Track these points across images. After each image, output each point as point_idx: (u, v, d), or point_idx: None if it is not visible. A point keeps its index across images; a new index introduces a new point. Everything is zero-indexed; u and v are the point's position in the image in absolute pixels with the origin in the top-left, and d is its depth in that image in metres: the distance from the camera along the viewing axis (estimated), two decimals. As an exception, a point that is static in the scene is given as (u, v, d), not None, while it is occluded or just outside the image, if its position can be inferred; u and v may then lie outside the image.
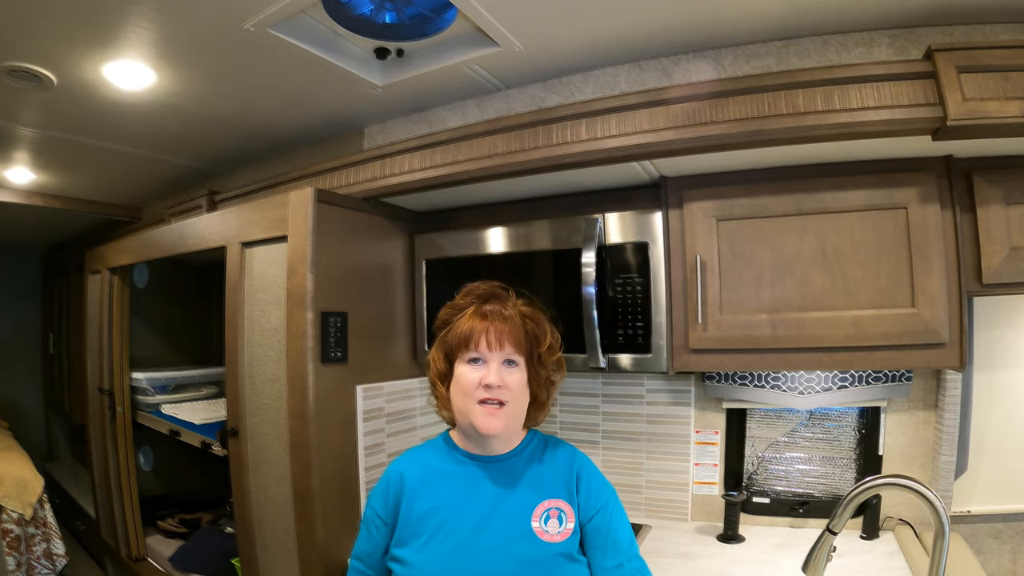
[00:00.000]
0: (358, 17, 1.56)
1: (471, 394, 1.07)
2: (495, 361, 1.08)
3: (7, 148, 2.35)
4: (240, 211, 1.90)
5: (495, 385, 1.06)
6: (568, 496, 1.11)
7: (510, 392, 1.08)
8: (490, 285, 1.17)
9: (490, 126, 1.63)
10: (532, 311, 1.15)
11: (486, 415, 1.07)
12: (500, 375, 1.07)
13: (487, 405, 1.07)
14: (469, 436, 1.14)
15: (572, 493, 1.11)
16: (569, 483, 1.12)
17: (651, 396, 1.98)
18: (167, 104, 1.96)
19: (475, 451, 1.14)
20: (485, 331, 1.08)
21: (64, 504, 3.63)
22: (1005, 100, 1.20)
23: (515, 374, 1.09)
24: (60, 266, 4.30)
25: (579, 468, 1.14)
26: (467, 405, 1.08)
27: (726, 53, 1.58)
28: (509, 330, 1.09)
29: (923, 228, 1.41)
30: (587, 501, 1.12)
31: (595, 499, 1.12)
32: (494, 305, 1.12)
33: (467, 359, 1.09)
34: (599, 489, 1.14)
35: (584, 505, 1.11)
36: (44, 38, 1.53)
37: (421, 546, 1.06)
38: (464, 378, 1.08)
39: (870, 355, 1.45)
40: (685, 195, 1.60)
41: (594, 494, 1.13)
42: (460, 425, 1.14)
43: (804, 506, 1.80)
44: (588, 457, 1.20)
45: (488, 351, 1.08)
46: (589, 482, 1.13)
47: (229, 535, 2.39)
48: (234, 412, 1.88)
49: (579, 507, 1.11)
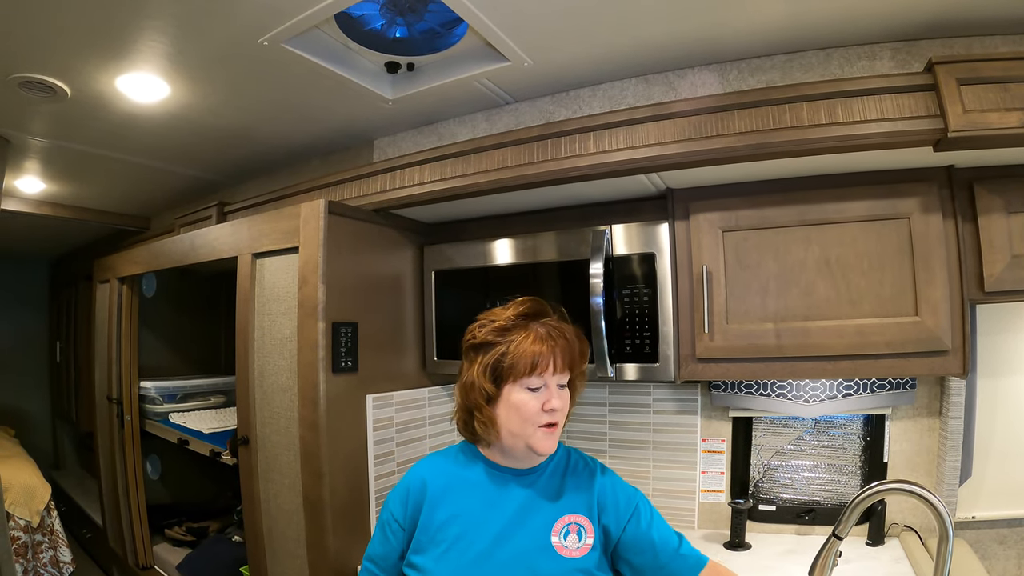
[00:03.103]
0: (370, 32, 1.59)
1: (532, 419, 1.06)
2: (554, 384, 1.08)
3: (18, 158, 2.37)
4: (251, 222, 1.92)
5: (559, 408, 1.06)
6: (588, 512, 1.10)
7: (563, 413, 1.09)
8: (535, 301, 1.14)
9: (499, 139, 1.65)
10: (576, 329, 1.14)
11: (547, 438, 1.06)
12: (560, 398, 1.07)
13: (546, 428, 1.06)
14: (511, 453, 1.12)
15: (593, 510, 1.11)
16: (590, 501, 1.12)
17: (658, 405, 1.99)
18: (179, 116, 1.99)
19: (502, 463, 1.14)
20: (551, 354, 1.06)
21: (71, 512, 3.64)
22: (1005, 111, 1.22)
23: (566, 394, 1.10)
24: (68, 275, 4.32)
25: (600, 488, 1.14)
26: (527, 429, 1.06)
27: (731, 67, 1.61)
28: (569, 353, 1.08)
29: (925, 237, 1.43)
30: (616, 514, 1.11)
31: (624, 509, 1.12)
32: (548, 325, 1.10)
33: (527, 383, 1.07)
34: (626, 499, 1.14)
35: (615, 520, 1.11)
36: (60, 50, 1.56)
37: (440, 555, 1.06)
38: (526, 405, 1.06)
39: (874, 363, 1.46)
40: (691, 207, 1.62)
41: (622, 505, 1.12)
42: (508, 447, 1.11)
43: (810, 513, 1.81)
44: (609, 468, 1.20)
45: (552, 374, 1.07)
46: (615, 496, 1.13)
47: (237, 543, 2.40)
48: (245, 421, 1.89)
49: (610, 525, 1.11)
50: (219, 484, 3.11)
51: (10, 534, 2.70)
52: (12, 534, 2.73)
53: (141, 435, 2.63)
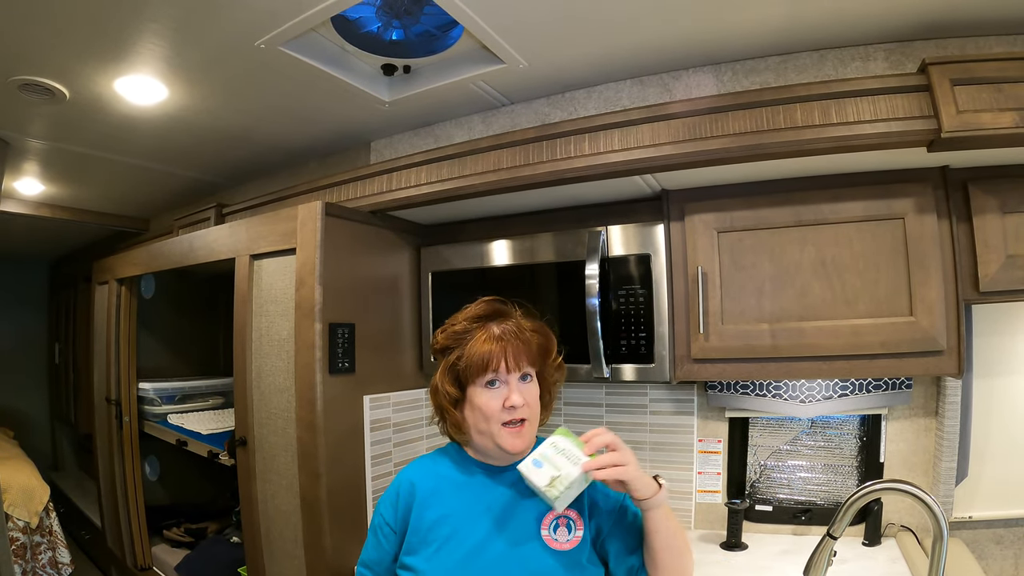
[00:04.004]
0: (366, 35, 1.60)
1: (494, 417, 1.06)
2: (514, 380, 1.08)
3: (18, 160, 2.38)
4: (249, 224, 1.93)
5: (519, 405, 1.06)
6: (577, 504, 1.10)
7: (530, 408, 1.08)
8: (489, 303, 1.15)
9: (495, 141, 1.66)
10: (538, 324, 1.15)
11: (512, 436, 1.07)
12: (521, 394, 1.07)
13: (511, 426, 1.07)
14: (491, 455, 1.13)
15: (582, 502, 1.10)
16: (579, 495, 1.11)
17: (654, 406, 1.99)
18: (178, 118, 2.00)
19: (486, 461, 1.14)
20: (503, 353, 1.07)
21: (69, 513, 3.64)
22: (998, 111, 1.22)
23: (531, 389, 1.10)
24: (67, 277, 4.33)
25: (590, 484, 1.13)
26: (491, 428, 1.07)
27: (726, 69, 1.62)
28: (525, 349, 1.08)
29: (920, 238, 1.43)
30: (604, 506, 1.12)
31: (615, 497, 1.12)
32: (503, 324, 1.11)
33: (484, 383, 1.07)
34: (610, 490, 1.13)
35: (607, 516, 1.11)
36: (59, 53, 1.57)
37: (431, 555, 1.06)
38: (486, 405, 1.07)
39: (869, 363, 1.47)
40: (687, 208, 1.63)
41: (611, 499, 1.13)
42: (480, 445, 1.12)
43: (807, 514, 1.81)
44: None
45: (507, 372, 1.07)
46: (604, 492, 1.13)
47: (235, 544, 2.40)
48: (242, 422, 1.90)
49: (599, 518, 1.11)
50: (217, 485, 3.11)
51: (9, 535, 2.71)
52: (11, 535, 2.73)
53: (140, 436, 2.63)
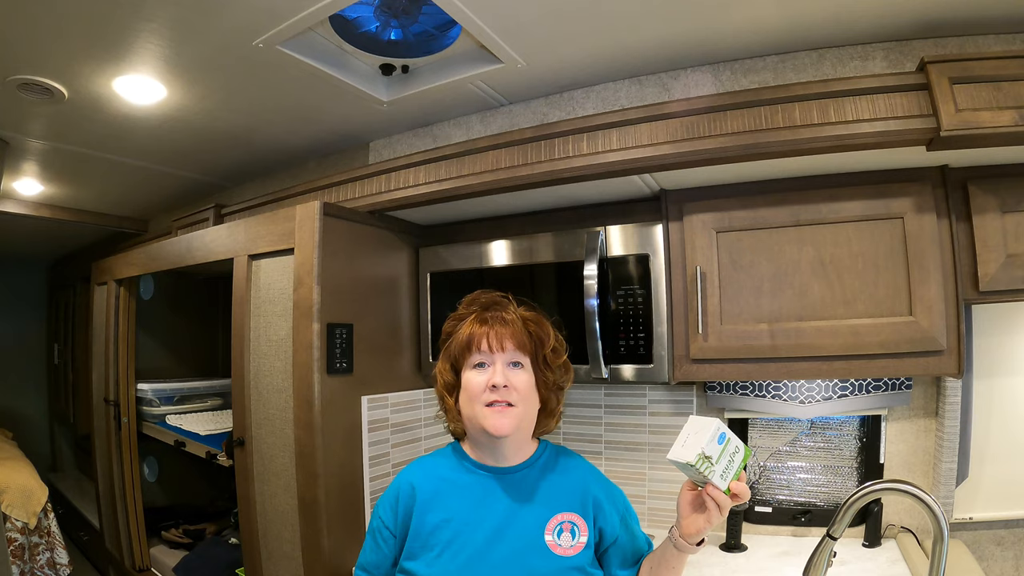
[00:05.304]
0: (364, 34, 1.59)
1: (478, 397, 1.06)
2: (500, 362, 1.08)
3: (16, 160, 2.38)
4: (248, 224, 1.92)
5: (501, 385, 1.05)
6: (582, 510, 1.10)
7: (518, 394, 1.07)
8: (490, 294, 1.18)
9: (493, 141, 1.65)
10: (534, 314, 1.16)
11: (495, 415, 1.05)
12: (506, 375, 1.07)
13: (495, 406, 1.06)
14: (481, 444, 1.13)
15: (587, 508, 1.11)
16: (584, 499, 1.11)
17: (653, 406, 1.99)
18: (176, 118, 2.00)
19: (488, 462, 1.13)
20: (486, 334, 1.08)
21: (68, 514, 3.64)
22: (998, 110, 1.22)
23: (521, 375, 1.09)
24: (66, 277, 4.33)
25: (594, 486, 1.14)
26: (475, 409, 1.07)
27: (724, 68, 1.62)
28: (510, 332, 1.09)
29: (920, 237, 1.43)
30: (611, 516, 1.12)
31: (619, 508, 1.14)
32: (495, 311, 1.13)
33: (472, 364, 1.09)
34: (615, 499, 1.16)
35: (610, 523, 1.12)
36: (57, 53, 1.56)
37: (433, 559, 1.05)
38: (471, 383, 1.08)
39: (869, 363, 1.46)
40: (685, 208, 1.62)
41: (618, 504, 1.15)
42: (471, 433, 1.13)
43: (806, 515, 1.81)
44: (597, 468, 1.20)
45: (491, 353, 1.07)
46: (610, 497, 1.14)
47: (233, 546, 2.40)
48: (240, 422, 1.89)
49: (605, 528, 1.11)
50: (216, 486, 3.11)
51: (7, 536, 2.70)
52: (9, 536, 2.72)
53: (138, 437, 2.63)
